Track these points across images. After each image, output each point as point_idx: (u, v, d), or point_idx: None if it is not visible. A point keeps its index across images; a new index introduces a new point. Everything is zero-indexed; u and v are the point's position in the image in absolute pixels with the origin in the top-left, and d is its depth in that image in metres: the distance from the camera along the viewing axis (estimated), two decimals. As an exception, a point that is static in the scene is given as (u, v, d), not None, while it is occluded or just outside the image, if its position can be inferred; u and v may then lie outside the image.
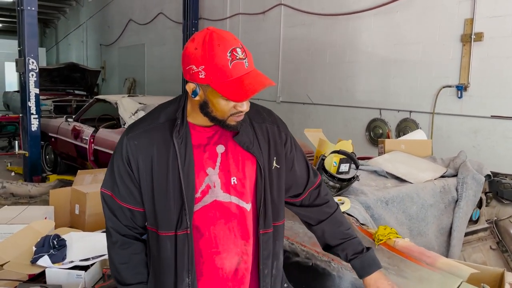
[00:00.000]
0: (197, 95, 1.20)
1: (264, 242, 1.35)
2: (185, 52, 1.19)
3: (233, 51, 1.15)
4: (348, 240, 1.49)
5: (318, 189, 1.51)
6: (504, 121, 4.50)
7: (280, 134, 1.39)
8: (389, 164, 2.87)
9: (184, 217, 1.25)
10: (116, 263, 1.35)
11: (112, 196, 1.32)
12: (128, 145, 1.27)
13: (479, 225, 2.88)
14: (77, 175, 4.35)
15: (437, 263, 1.62)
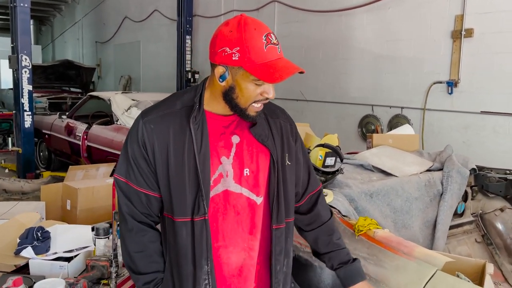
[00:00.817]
0: (225, 80, 1.20)
1: (277, 237, 1.34)
2: (217, 34, 1.20)
3: (268, 35, 1.17)
4: (336, 250, 1.50)
5: (317, 196, 1.52)
6: (494, 117, 4.54)
7: (292, 132, 1.41)
8: (375, 158, 2.90)
9: (202, 202, 1.24)
10: (131, 252, 1.31)
11: (127, 182, 1.29)
12: (144, 128, 1.25)
13: (464, 218, 2.90)
14: (68, 170, 4.37)
15: (414, 253, 1.64)
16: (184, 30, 8.73)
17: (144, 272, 1.31)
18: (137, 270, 1.32)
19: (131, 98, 5.87)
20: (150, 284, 1.31)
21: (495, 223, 2.91)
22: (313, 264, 1.92)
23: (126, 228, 1.32)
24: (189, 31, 8.80)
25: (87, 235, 1.98)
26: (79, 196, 4.00)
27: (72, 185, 4.09)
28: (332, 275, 1.84)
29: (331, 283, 1.84)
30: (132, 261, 1.32)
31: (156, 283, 1.32)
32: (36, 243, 1.84)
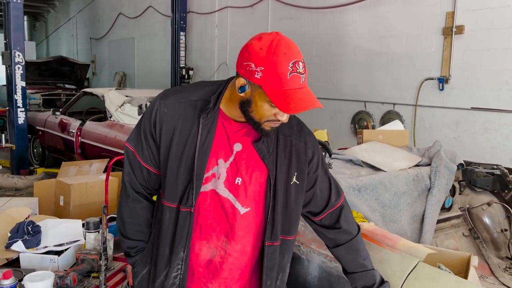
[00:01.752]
0: (243, 92, 1.21)
1: (269, 254, 1.36)
2: (247, 47, 1.19)
3: (295, 63, 1.15)
4: (361, 272, 1.48)
5: (339, 212, 1.49)
6: (484, 113, 4.58)
7: (306, 151, 1.39)
8: (365, 154, 2.93)
9: (191, 195, 1.28)
10: (124, 216, 1.41)
11: (134, 153, 1.37)
12: (158, 109, 1.31)
13: (452, 213, 2.95)
14: (61, 167, 4.37)
15: (397, 245, 1.68)
16: (178, 27, 8.72)
17: (130, 237, 1.42)
18: (125, 234, 1.43)
19: (124, 95, 5.88)
20: (132, 250, 1.43)
21: (482, 218, 2.96)
22: (301, 257, 1.95)
23: (125, 194, 1.41)
24: (183, 28, 8.79)
25: (78, 229, 2.00)
26: (72, 192, 4.01)
27: (65, 181, 4.10)
28: (318, 267, 1.88)
29: (317, 275, 1.87)
30: (123, 225, 1.42)
31: (137, 250, 1.43)
32: (26, 237, 1.86)
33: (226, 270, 1.38)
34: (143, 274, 1.41)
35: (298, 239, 1.95)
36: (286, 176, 1.35)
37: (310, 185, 1.43)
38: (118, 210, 1.44)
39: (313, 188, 1.44)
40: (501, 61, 4.40)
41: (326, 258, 1.86)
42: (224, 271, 1.38)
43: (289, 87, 1.15)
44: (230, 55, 8.09)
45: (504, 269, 2.86)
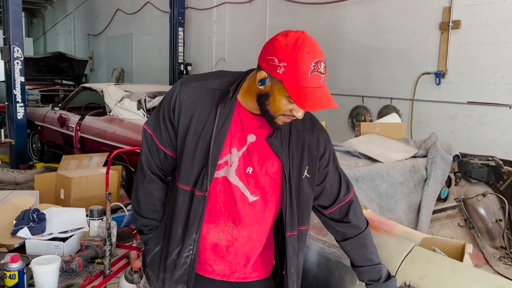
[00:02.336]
0: (263, 85, 1.25)
1: (290, 243, 1.43)
2: (272, 42, 1.23)
3: (318, 63, 1.19)
4: (367, 266, 1.52)
5: (348, 207, 1.53)
6: (480, 107, 4.64)
7: (318, 146, 1.43)
8: (362, 145, 2.98)
9: (205, 180, 1.34)
10: (139, 195, 1.46)
11: (152, 136, 1.42)
12: (179, 94, 1.36)
13: (448, 203, 3.00)
14: (62, 160, 4.41)
15: (394, 230, 1.73)
16: (176, 22, 8.74)
17: (144, 216, 1.47)
18: (139, 212, 1.47)
19: (123, 90, 5.90)
20: (146, 228, 1.47)
21: (477, 208, 3.01)
22: (300, 244, 2.00)
23: (142, 174, 1.45)
24: (181, 23, 8.81)
25: (81, 217, 2.05)
26: (72, 185, 4.05)
27: (65, 174, 4.14)
28: (317, 253, 1.93)
29: (316, 260, 1.92)
30: (137, 204, 1.47)
31: (151, 228, 1.47)
32: (32, 224, 1.91)
33: (231, 253, 1.44)
34: (156, 251, 1.46)
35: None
36: (298, 170, 1.40)
37: (320, 179, 1.48)
38: (134, 189, 1.49)
39: (323, 183, 1.49)
40: (497, 56, 4.46)
41: (325, 244, 1.91)
42: (229, 254, 1.44)
43: (309, 85, 1.19)
44: (228, 50, 8.13)
45: (499, 259, 2.91)
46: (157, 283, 1.45)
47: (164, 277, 1.42)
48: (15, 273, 1.50)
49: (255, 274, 1.52)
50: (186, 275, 1.40)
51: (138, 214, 1.48)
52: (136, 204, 1.48)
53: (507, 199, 2.91)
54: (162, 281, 1.43)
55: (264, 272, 1.55)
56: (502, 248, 2.94)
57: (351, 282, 1.73)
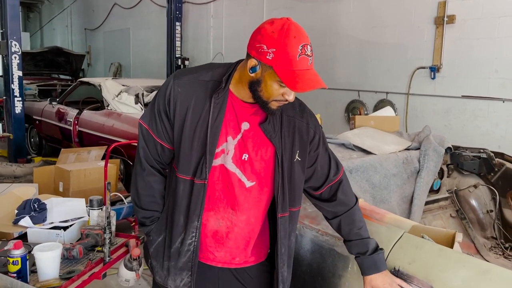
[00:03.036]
0: (254, 72, 1.29)
1: (282, 224, 1.49)
2: (260, 31, 1.28)
3: (304, 46, 1.24)
4: (355, 240, 1.59)
5: (337, 186, 1.59)
6: (474, 101, 4.70)
7: (308, 130, 1.49)
8: (357, 138, 3.03)
9: (204, 169, 1.39)
10: (138, 189, 1.50)
11: (148, 130, 1.46)
12: (173, 88, 1.40)
13: (440, 195, 3.06)
14: (60, 153, 4.45)
15: (385, 218, 1.79)
16: (174, 17, 8.76)
17: (145, 208, 1.51)
18: (140, 205, 1.51)
19: (121, 84, 5.93)
20: (147, 220, 1.52)
21: (469, 199, 3.08)
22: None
23: (140, 168, 1.49)
24: (179, 18, 8.83)
25: (81, 207, 2.10)
26: (71, 178, 4.10)
27: (64, 167, 4.19)
28: (311, 241, 1.98)
29: (310, 248, 1.98)
30: (137, 197, 1.51)
31: (152, 220, 1.52)
32: (33, 214, 1.96)
33: (231, 239, 1.50)
34: (159, 241, 1.50)
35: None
36: (290, 154, 1.46)
37: (311, 162, 1.54)
38: (133, 183, 1.53)
39: (314, 165, 1.55)
40: (491, 50, 4.51)
41: (318, 233, 1.97)
42: (230, 240, 1.49)
43: (298, 68, 1.24)
44: (225, 45, 8.16)
45: (489, 248, 2.98)
46: (162, 272, 1.50)
47: (169, 266, 1.47)
48: (18, 259, 1.55)
49: (253, 258, 1.58)
50: (190, 262, 1.45)
51: (139, 207, 1.52)
52: (136, 197, 1.52)
53: (498, 190, 2.98)
54: (167, 269, 1.48)
55: (261, 256, 1.61)
56: (493, 238, 3.01)
57: (343, 268, 1.79)
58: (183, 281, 1.47)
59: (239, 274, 1.56)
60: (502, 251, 2.93)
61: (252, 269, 1.59)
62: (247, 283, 1.58)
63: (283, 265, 1.55)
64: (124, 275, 1.82)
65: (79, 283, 1.65)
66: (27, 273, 1.58)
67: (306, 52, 1.25)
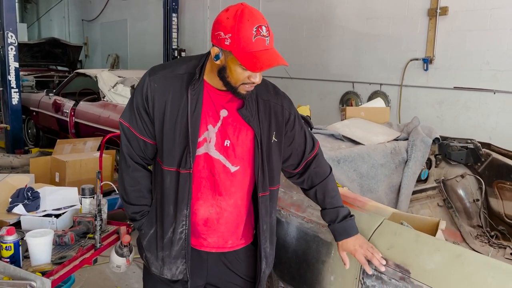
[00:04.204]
0: (218, 59, 1.34)
1: (262, 203, 1.56)
2: (217, 19, 1.33)
3: (259, 27, 1.29)
4: (328, 209, 1.67)
5: (313, 160, 1.66)
6: (466, 92, 4.74)
7: (283, 112, 1.55)
8: (346, 129, 3.08)
9: (188, 158, 1.43)
10: (125, 185, 1.54)
11: (129, 127, 1.49)
12: (149, 84, 1.44)
13: (428, 184, 3.12)
14: (56, 144, 4.50)
15: (366, 206, 1.84)
16: (170, 8, 8.76)
17: (134, 203, 1.56)
18: (128, 201, 1.56)
19: (117, 75, 5.97)
20: (137, 214, 1.57)
21: (456, 189, 3.13)
22: (281, 220, 2.12)
23: (125, 165, 1.54)
24: (175, 9, 8.83)
25: (74, 196, 2.15)
26: (67, 169, 4.16)
27: (60, 158, 4.24)
28: (296, 228, 2.05)
29: (295, 235, 2.04)
30: (125, 193, 1.55)
31: (142, 214, 1.56)
32: (26, 202, 2.01)
33: (222, 224, 1.56)
34: (151, 234, 1.55)
35: (279, 204, 2.11)
36: (267, 135, 1.53)
37: (289, 142, 1.61)
38: (119, 180, 1.57)
39: (292, 144, 1.62)
40: (483, 42, 4.55)
41: (303, 220, 2.03)
42: (220, 225, 1.56)
43: (255, 49, 1.29)
44: (222, 36, 8.15)
45: (475, 237, 3.05)
46: (157, 262, 1.55)
47: (163, 256, 1.53)
48: (11, 245, 1.61)
49: (243, 241, 1.65)
50: (184, 249, 1.51)
51: (128, 203, 1.56)
52: (124, 193, 1.56)
53: (484, 180, 3.03)
54: (162, 259, 1.53)
55: (250, 236, 1.68)
56: (479, 227, 3.07)
57: (326, 254, 1.86)
58: (179, 269, 1.53)
59: (227, 258, 1.63)
60: (488, 239, 2.99)
61: (241, 252, 1.66)
62: (233, 266, 1.65)
63: (265, 241, 1.62)
64: (115, 261, 1.88)
65: (70, 267, 1.71)
66: (20, 258, 1.64)
67: (261, 33, 1.30)
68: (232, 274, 1.64)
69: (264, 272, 1.64)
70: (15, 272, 1.54)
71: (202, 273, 1.61)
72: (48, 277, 1.58)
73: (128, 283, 3.19)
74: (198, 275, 1.59)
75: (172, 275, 1.53)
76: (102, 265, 3.14)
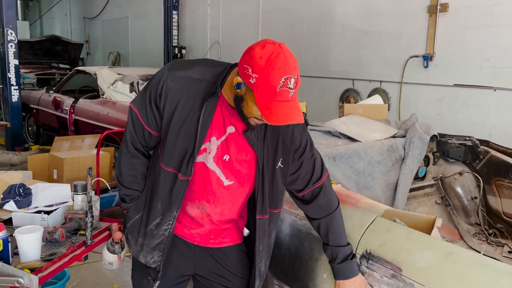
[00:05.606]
0: (239, 89, 1.33)
1: (260, 225, 1.56)
2: (250, 52, 1.29)
3: (287, 79, 1.25)
4: (329, 246, 1.66)
5: (319, 191, 1.63)
6: (466, 89, 4.71)
7: (292, 140, 1.52)
8: (343, 126, 3.06)
9: (190, 166, 1.44)
10: (122, 168, 1.58)
11: (138, 115, 1.50)
12: (166, 81, 1.43)
13: (425, 182, 3.10)
14: (54, 141, 4.50)
15: (359, 203, 1.83)
16: (170, 5, 8.74)
17: (126, 186, 1.60)
18: (122, 183, 1.60)
19: (116, 73, 5.96)
20: (127, 197, 1.61)
21: (454, 186, 3.11)
22: (275, 217, 2.10)
23: (126, 149, 1.56)
24: (175, 6, 8.81)
25: (66, 192, 2.14)
26: (65, 166, 4.15)
27: (58, 155, 4.24)
28: (290, 226, 2.03)
29: (289, 232, 2.02)
30: (120, 175, 1.60)
31: (132, 198, 1.61)
32: (18, 198, 2.00)
33: (206, 223, 1.58)
34: (136, 219, 1.59)
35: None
36: (272, 161, 1.52)
37: (295, 168, 1.58)
38: (117, 161, 1.60)
39: (299, 171, 1.59)
40: (483, 39, 4.51)
41: (297, 217, 2.01)
42: (205, 223, 1.58)
43: (276, 99, 1.26)
44: (222, 33, 8.14)
45: (473, 235, 3.02)
46: (136, 247, 1.59)
47: (143, 243, 1.56)
48: (0, 241, 1.60)
49: (228, 239, 1.65)
50: (163, 244, 1.54)
51: (121, 184, 1.60)
52: (119, 175, 1.60)
53: (483, 177, 3.01)
54: (141, 245, 1.57)
55: (236, 238, 1.68)
56: (477, 225, 3.05)
57: (319, 252, 1.84)
58: (153, 259, 1.56)
59: (215, 253, 1.64)
60: (486, 237, 2.97)
61: (228, 249, 1.66)
62: (223, 261, 1.65)
63: (261, 261, 1.63)
64: (107, 258, 1.87)
65: (60, 264, 1.70)
66: (9, 254, 1.63)
67: (288, 84, 1.25)
68: (222, 269, 1.65)
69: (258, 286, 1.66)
70: (3, 268, 1.53)
71: (189, 264, 1.63)
72: (37, 273, 1.57)
73: (124, 280, 3.18)
74: (183, 265, 1.62)
75: (146, 262, 1.57)
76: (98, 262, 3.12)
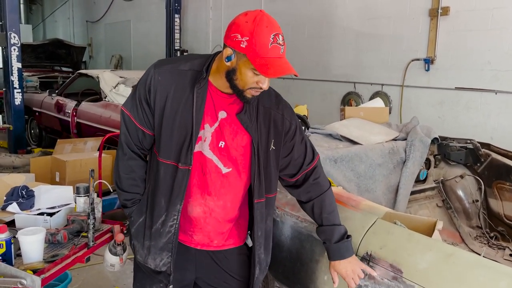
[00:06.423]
0: (230, 61, 1.36)
1: (258, 209, 1.57)
2: (234, 21, 1.36)
3: (276, 35, 1.32)
4: (324, 226, 1.65)
5: (311, 172, 1.65)
6: (467, 92, 4.71)
7: (283, 121, 1.55)
8: (344, 129, 3.07)
9: (189, 155, 1.45)
10: (120, 172, 1.58)
11: (130, 116, 1.52)
12: (153, 77, 1.46)
13: (427, 185, 3.10)
14: (57, 144, 4.52)
15: (360, 205, 1.84)
16: (173, 9, 8.78)
17: (126, 190, 1.59)
18: (121, 187, 1.59)
19: (118, 76, 5.99)
20: (129, 201, 1.60)
21: (455, 189, 3.11)
22: (276, 219, 2.11)
23: (122, 152, 1.57)
24: (178, 10, 8.84)
25: (69, 194, 2.15)
26: (67, 168, 4.17)
27: (60, 157, 4.26)
28: (291, 228, 2.04)
29: (290, 234, 2.03)
30: (119, 180, 1.59)
31: (134, 202, 1.60)
32: (21, 200, 2.01)
33: (209, 224, 1.57)
34: (140, 222, 1.58)
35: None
36: (265, 143, 1.53)
37: (287, 152, 1.60)
38: (115, 166, 1.61)
39: (291, 154, 1.61)
40: (484, 42, 4.52)
41: (298, 219, 2.02)
42: (207, 225, 1.57)
43: (269, 56, 1.31)
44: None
45: (475, 238, 3.02)
46: (143, 251, 1.57)
47: (149, 245, 1.55)
48: (3, 242, 1.60)
49: (231, 241, 1.65)
50: (171, 243, 1.53)
51: (121, 189, 1.60)
52: (118, 180, 1.60)
53: (484, 180, 3.01)
54: (148, 249, 1.56)
55: (239, 240, 1.68)
56: (478, 228, 3.05)
57: (320, 254, 1.85)
58: (163, 261, 1.54)
59: (216, 256, 1.63)
60: (487, 240, 2.97)
61: (230, 252, 1.65)
62: (224, 264, 1.65)
63: (260, 247, 1.62)
64: (109, 260, 1.88)
65: (62, 265, 1.71)
66: (12, 256, 1.64)
67: (277, 41, 1.33)
68: (223, 273, 1.65)
69: (257, 278, 1.64)
70: (6, 269, 1.54)
71: (191, 268, 1.62)
72: (39, 275, 1.58)
73: (126, 282, 3.19)
74: (186, 269, 1.61)
75: (156, 266, 1.55)
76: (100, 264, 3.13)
